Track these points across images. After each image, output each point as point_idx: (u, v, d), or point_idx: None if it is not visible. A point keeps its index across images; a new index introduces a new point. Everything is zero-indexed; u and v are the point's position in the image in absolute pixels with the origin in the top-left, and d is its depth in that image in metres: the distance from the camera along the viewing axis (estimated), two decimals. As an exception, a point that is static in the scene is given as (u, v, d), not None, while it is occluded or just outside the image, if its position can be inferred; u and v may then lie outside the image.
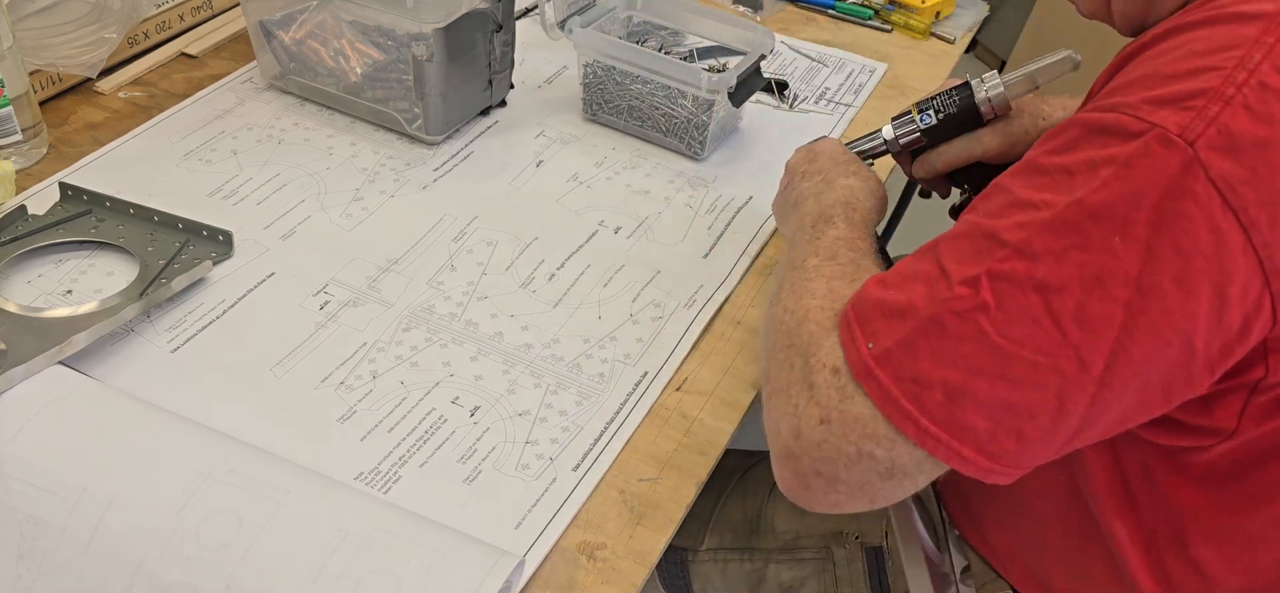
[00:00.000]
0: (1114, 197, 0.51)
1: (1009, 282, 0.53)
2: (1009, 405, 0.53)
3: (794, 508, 0.90)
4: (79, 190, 0.93)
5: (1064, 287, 0.52)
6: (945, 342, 0.54)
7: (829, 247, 0.69)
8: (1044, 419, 0.54)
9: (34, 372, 0.74)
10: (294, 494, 0.67)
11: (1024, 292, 0.52)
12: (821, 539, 0.87)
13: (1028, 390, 0.53)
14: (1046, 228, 0.52)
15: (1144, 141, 0.51)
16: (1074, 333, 0.52)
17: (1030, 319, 0.52)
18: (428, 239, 0.96)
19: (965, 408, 0.54)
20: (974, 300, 0.53)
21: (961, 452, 0.54)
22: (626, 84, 1.10)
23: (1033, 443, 0.54)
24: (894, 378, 0.55)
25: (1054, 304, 0.52)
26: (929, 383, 0.54)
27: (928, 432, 0.54)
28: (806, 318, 0.62)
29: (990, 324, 0.53)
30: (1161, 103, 0.51)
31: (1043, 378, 0.53)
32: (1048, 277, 0.52)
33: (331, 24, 1.07)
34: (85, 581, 0.65)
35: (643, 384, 0.83)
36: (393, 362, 0.82)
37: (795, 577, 0.87)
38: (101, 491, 0.67)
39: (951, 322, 0.54)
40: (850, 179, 0.77)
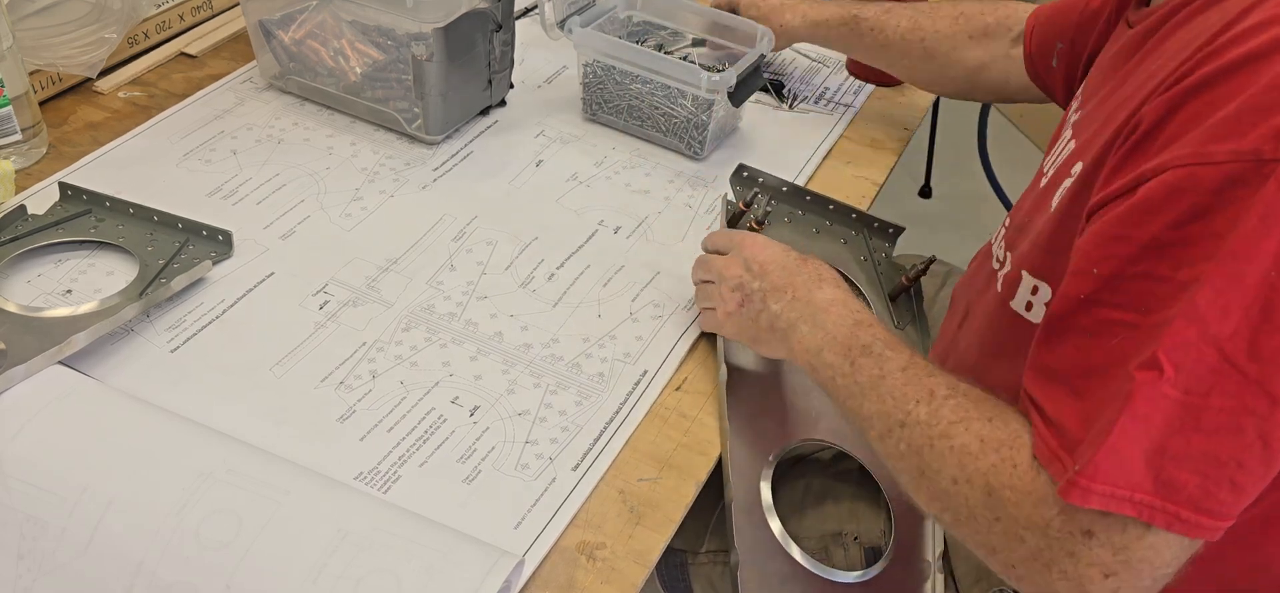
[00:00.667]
0: (1262, 238, 0.52)
1: (1184, 348, 0.53)
2: (1212, 457, 0.54)
3: (793, 509, 0.90)
4: (79, 190, 0.93)
5: (1235, 331, 0.52)
6: (1136, 422, 0.54)
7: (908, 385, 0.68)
8: (1253, 466, 0.54)
9: (34, 372, 0.74)
10: (294, 494, 0.67)
11: (1199, 348, 0.53)
12: (820, 540, 0.86)
13: (1224, 437, 0.53)
14: (1207, 287, 0.53)
15: (1276, 179, 0.51)
16: (1253, 369, 0.53)
17: (1207, 369, 0.53)
18: (427, 239, 0.96)
19: (1169, 468, 0.54)
20: (1157, 379, 0.54)
21: (1178, 513, 0.54)
22: (626, 84, 1.10)
23: (1247, 490, 0.55)
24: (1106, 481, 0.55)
25: (1228, 349, 0.53)
26: (1130, 462, 0.54)
27: (1143, 505, 0.54)
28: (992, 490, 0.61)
29: (1174, 389, 0.53)
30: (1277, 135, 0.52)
31: (1235, 421, 0.53)
32: (1218, 330, 0.52)
33: (331, 24, 1.07)
34: (85, 581, 0.65)
35: (642, 384, 0.83)
36: (392, 361, 0.82)
37: (794, 577, 0.87)
38: (101, 491, 0.67)
39: (1141, 406, 0.54)
40: (825, 290, 0.77)
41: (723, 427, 0.81)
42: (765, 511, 0.79)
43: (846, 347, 0.72)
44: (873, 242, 0.99)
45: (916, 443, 0.65)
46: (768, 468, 0.81)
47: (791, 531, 0.81)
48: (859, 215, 1.00)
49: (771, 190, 1.01)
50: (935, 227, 2.35)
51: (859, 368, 0.71)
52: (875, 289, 0.95)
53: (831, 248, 0.98)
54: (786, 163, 1.10)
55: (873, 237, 1.00)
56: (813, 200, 1.01)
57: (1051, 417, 0.59)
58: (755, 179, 1.01)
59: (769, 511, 0.79)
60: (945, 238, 2.27)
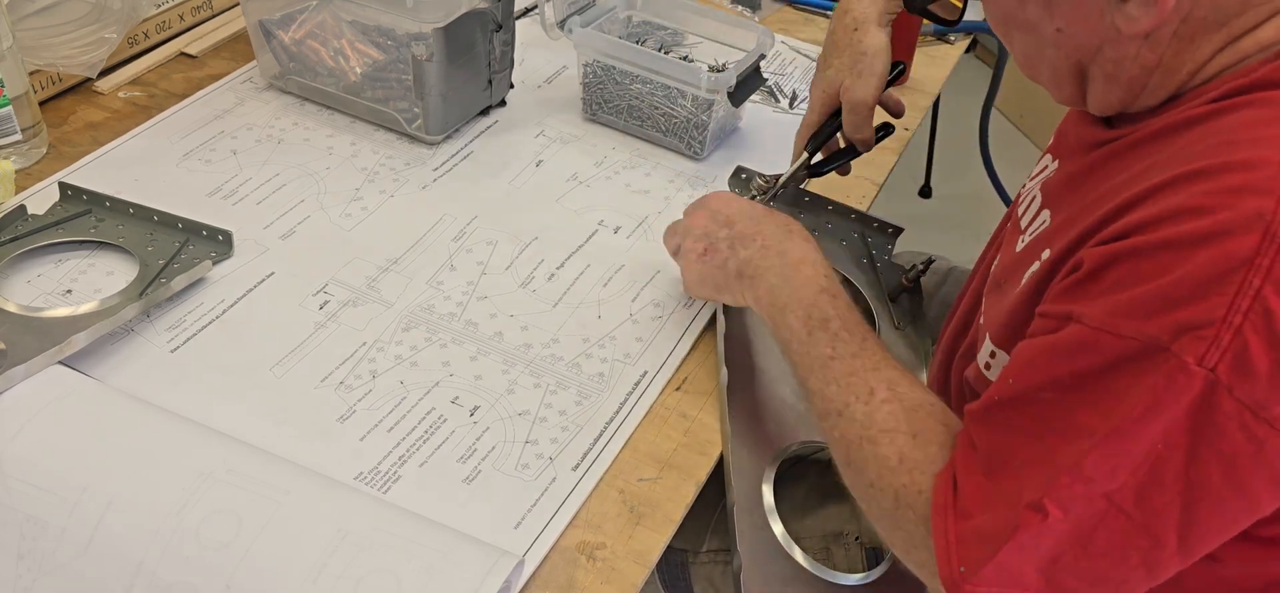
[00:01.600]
0: (1150, 419, 0.55)
1: (1072, 500, 0.57)
2: (1101, 576, 0.58)
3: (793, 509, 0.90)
4: (79, 190, 0.93)
5: (1122, 486, 0.56)
6: (1023, 551, 0.58)
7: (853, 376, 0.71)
8: (1140, 581, 0.59)
9: (34, 372, 0.74)
10: (294, 494, 0.67)
11: (1087, 500, 0.57)
12: (821, 540, 0.86)
13: (1113, 562, 0.58)
14: (1095, 452, 0.57)
15: (1166, 372, 0.54)
16: (1139, 516, 0.57)
17: (1097, 514, 0.57)
18: (427, 239, 0.96)
19: (1061, 577, 0.58)
20: (1042, 520, 0.58)
21: None
22: (626, 84, 1.10)
23: None
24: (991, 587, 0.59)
25: (1116, 499, 0.57)
26: (1021, 573, 0.59)
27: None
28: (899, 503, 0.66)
29: (1062, 525, 0.57)
30: (1178, 331, 0.54)
31: (1124, 555, 0.58)
32: (1105, 485, 0.57)
33: (331, 24, 1.07)
34: (85, 581, 0.65)
35: (642, 384, 0.83)
36: (392, 361, 0.82)
37: (794, 577, 0.87)
38: (101, 491, 0.67)
39: (1026, 538, 0.58)
40: (796, 244, 0.79)
41: (724, 428, 0.81)
42: (767, 512, 0.79)
43: (807, 313, 0.75)
44: (872, 242, 0.99)
45: (849, 436, 0.70)
46: (769, 469, 0.81)
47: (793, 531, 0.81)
48: (858, 215, 1.00)
49: (771, 191, 1.01)
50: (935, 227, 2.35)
51: (815, 341, 0.74)
52: (875, 290, 0.95)
53: (830, 248, 0.98)
54: (786, 162, 1.10)
55: (872, 236, 1.00)
56: (812, 201, 1.01)
57: (959, 481, 0.63)
58: (753, 180, 1.01)
59: (771, 512, 0.79)
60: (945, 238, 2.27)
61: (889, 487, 0.66)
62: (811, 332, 0.74)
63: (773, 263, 0.78)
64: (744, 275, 0.80)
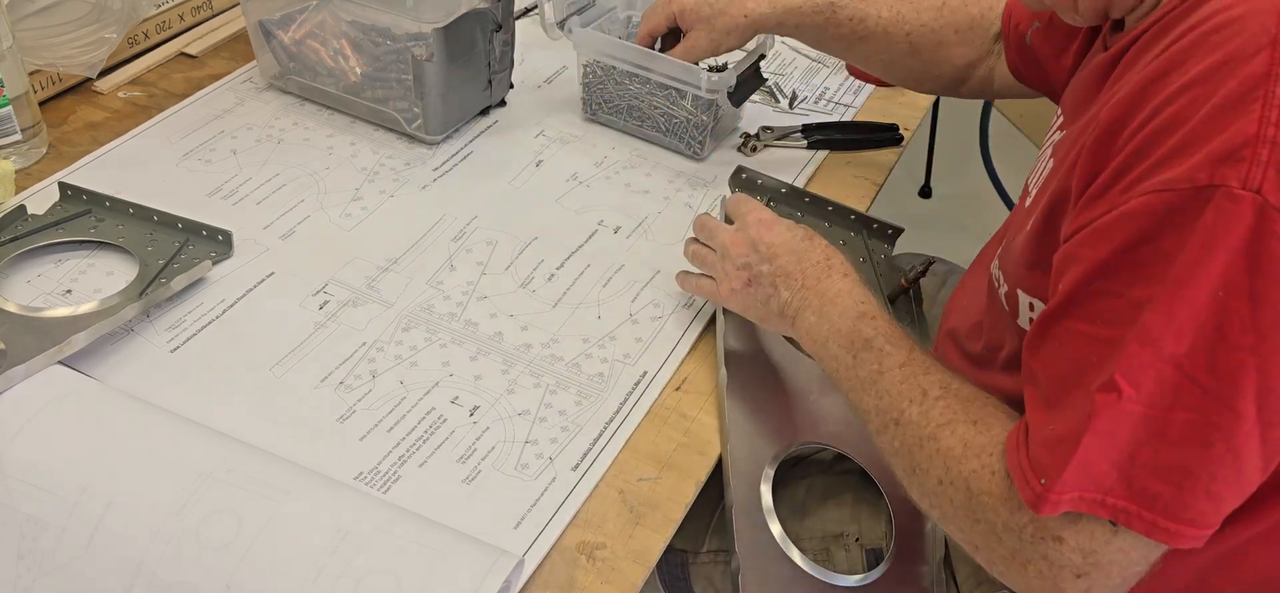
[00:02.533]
0: (1208, 263, 0.53)
1: (1141, 369, 0.55)
2: (1184, 468, 0.55)
3: (794, 510, 0.90)
4: (78, 190, 0.93)
5: (1191, 350, 0.54)
6: (1101, 439, 0.56)
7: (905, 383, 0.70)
8: (1226, 477, 0.56)
9: (34, 372, 0.74)
10: (293, 494, 0.67)
11: (1157, 369, 0.55)
12: (821, 541, 0.86)
13: (1195, 449, 0.55)
14: (1157, 311, 0.55)
15: (1215, 205, 0.53)
16: (1213, 386, 0.54)
17: (1169, 387, 0.55)
18: (427, 239, 0.96)
19: (1140, 476, 0.56)
20: (1116, 400, 0.56)
21: (1156, 521, 0.56)
22: (626, 84, 1.10)
23: (1225, 499, 0.56)
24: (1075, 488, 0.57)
25: (1186, 366, 0.54)
26: (1099, 471, 0.56)
27: (1117, 508, 0.57)
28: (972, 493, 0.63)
29: (1136, 405, 0.55)
30: (1215, 162, 0.53)
31: (1204, 434, 0.55)
32: (1173, 349, 0.54)
33: (331, 24, 1.07)
34: (85, 581, 0.65)
35: (642, 384, 0.83)
36: (392, 361, 0.82)
37: (794, 577, 0.87)
38: (101, 491, 0.67)
39: (1103, 424, 0.56)
40: (834, 281, 0.79)
41: (723, 429, 0.81)
42: (766, 513, 0.79)
43: (850, 339, 0.74)
44: (872, 243, 0.99)
45: (908, 442, 0.68)
46: (768, 470, 0.81)
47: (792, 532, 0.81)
48: (858, 216, 1.00)
49: (770, 192, 1.01)
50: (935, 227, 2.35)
51: (860, 362, 0.73)
52: (874, 291, 0.95)
53: None
54: (787, 162, 1.10)
55: (872, 238, 1.00)
56: (812, 202, 1.01)
57: (1028, 421, 0.61)
58: (754, 181, 1.01)
59: (769, 513, 0.79)
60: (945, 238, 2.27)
61: (959, 478, 0.64)
62: (856, 355, 0.73)
63: (809, 301, 0.79)
64: (785, 315, 0.80)
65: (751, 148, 1.11)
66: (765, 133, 1.13)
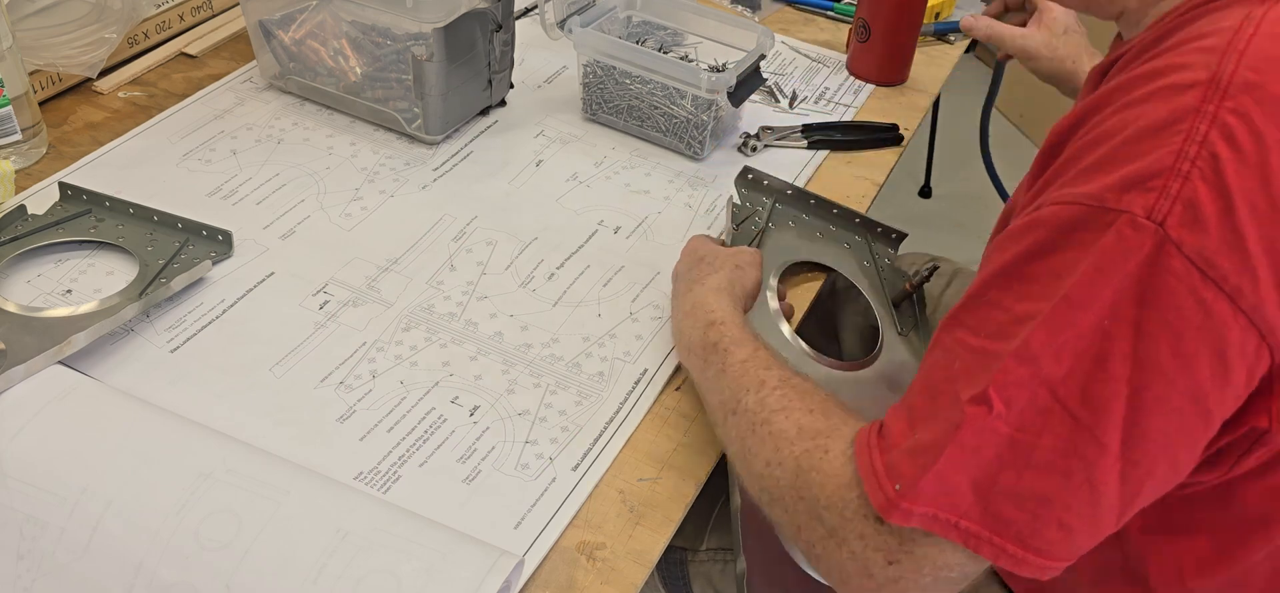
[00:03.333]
0: (1098, 287, 0.53)
1: (1016, 386, 0.54)
2: (1041, 496, 0.54)
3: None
4: (78, 190, 0.93)
5: (1068, 376, 0.53)
6: (966, 455, 0.55)
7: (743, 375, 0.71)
8: (1080, 508, 0.55)
9: (34, 372, 0.74)
10: (293, 494, 0.67)
11: (1031, 390, 0.54)
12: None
13: (1053, 477, 0.54)
14: (1041, 328, 0.54)
15: (1115, 230, 0.52)
16: (1084, 415, 0.53)
17: (1040, 410, 0.54)
18: (427, 239, 0.96)
19: (997, 501, 0.55)
20: (988, 414, 0.55)
21: (1004, 547, 0.55)
22: (626, 84, 1.10)
23: (1077, 533, 0.55)
24: (929, 503, 0.56)
25: (1060, 392, 0.53)
26: (958, 490, 0.55)
27: (969, 532, 0.55)
28: (800, 471, 0.63)
29: (1004, 425, 0.54)
30: (1125, 187, 0.53)
31: (1065, 463, 0.54)
32: (1051, 372, 0.54)
33: (331, 24, 1.07)
34: (85, 581, 0.65)
35: (642, 383, 0.83)
36: (392, 361, 0.82)
37: (793, 577, 0.87)
38: (101, 491, 0.67)
39: (969, 438, 0.55)
40: (695, 291, 0.81)
41: None
42: None
43: (702, 347, 0.76)
44: (876, 246, 0.99)
45: (741, 430, 0.69)
46: None
47: None
48: (862, 220, 1.00)
49: (776, 193, 1.01)
50: (935, 227, 2.36)
51: (708, 363, 0.75)
52: (878, 295, 0.95)
53: (834, 252, 0.98)
54: (786, 162, 1.10)
55: (875, 241, 1.00)
56: (817, 204, 1.01)
57: (885, 423, 0.60)
58: (760, 182, 1.01)
59: None
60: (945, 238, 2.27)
61: (788, 458, 0.64)
62: (706, 359, 0.75)
63: (677, 322, 0.82)
64: (675, 331, 0.83)
65: (751, 148, 1.11)
66: (765, 133, 1.13)
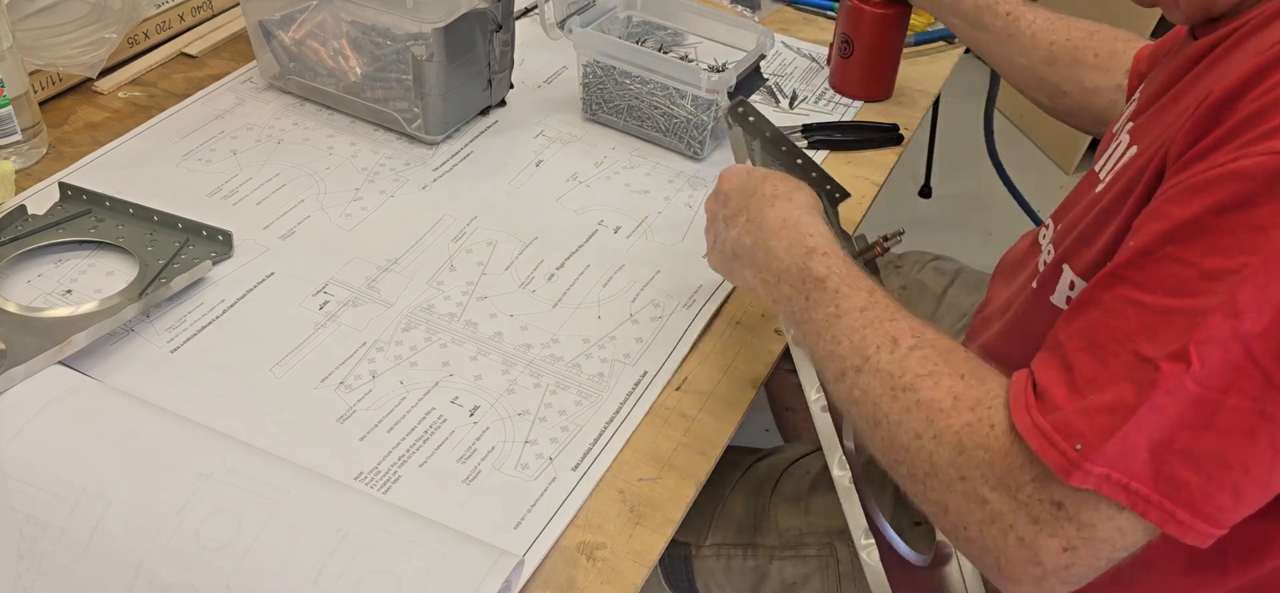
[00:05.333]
0: None
1: (1213, 342, 0.51)
2: (1218, 457, 0.52)
3: (797, 506, 0.90)
4: (79, 190, 0.93)
5: (1265, 331, 0.50)
6: (1154, 414, 0.52)
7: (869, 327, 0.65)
8: (1257, 473, 0.52)
9: (34, 372, 0.74)
10: (293, 495, 0.67)
11: (1228, 344, 0.51)
12: (825, 536, 0.86)
13: (1234, 439, 0.52)
14: (1250, 283, 0.51)
15: None
16: (1277, 373, 0.51)
17: (1233, 367, 0.51)
18: (427, 239, 0.96)
19: (1172, 463, 0.52)
20: (1185, 372, 0.52)
21: (1174, 513, 0.53)
22: (626, 84, 1.10)
23: (1248, 498, 0.53)
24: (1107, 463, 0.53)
25: (1255, 349, 0.51)
26: (1134, 450, 0.53)
27: (1138, 495, 0.53)
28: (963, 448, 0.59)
29: (1193, 382, 0.51)
30: None
31: (1249, 423, 0.51)
32: (1252, 326, 0.51)
33: (331, 24, 1.07)
34: (85, 581, 0.65)
35: (642, 384, 0.83)
36: (392, 362, 0.82)
37: (798, 574, 0.87)
38: (101, 491, 0.67)
39: (1161, 398, 0.52)
40: (778, 209, 0.74)
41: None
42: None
43: (800, 278, 0.69)
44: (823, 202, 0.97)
45: (875, 392, 0.63)
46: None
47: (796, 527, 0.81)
48: (819, 173, 0.96)
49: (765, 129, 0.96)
50: (935, 227, 2.36)
51: (814, 302, 0.68)
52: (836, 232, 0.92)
53: None
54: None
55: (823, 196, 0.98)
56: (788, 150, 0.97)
57: (1039, 384, 0.57)
58: (748, 116, 0.95)
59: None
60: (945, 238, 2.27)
61: (946, 431, 0.58)
62: (809, 296, 0.68)
63: (755, 237, 0.73)
64: (738, 256, 0.76)
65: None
66: None
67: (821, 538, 0.85)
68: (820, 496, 0.89)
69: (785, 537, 0.89)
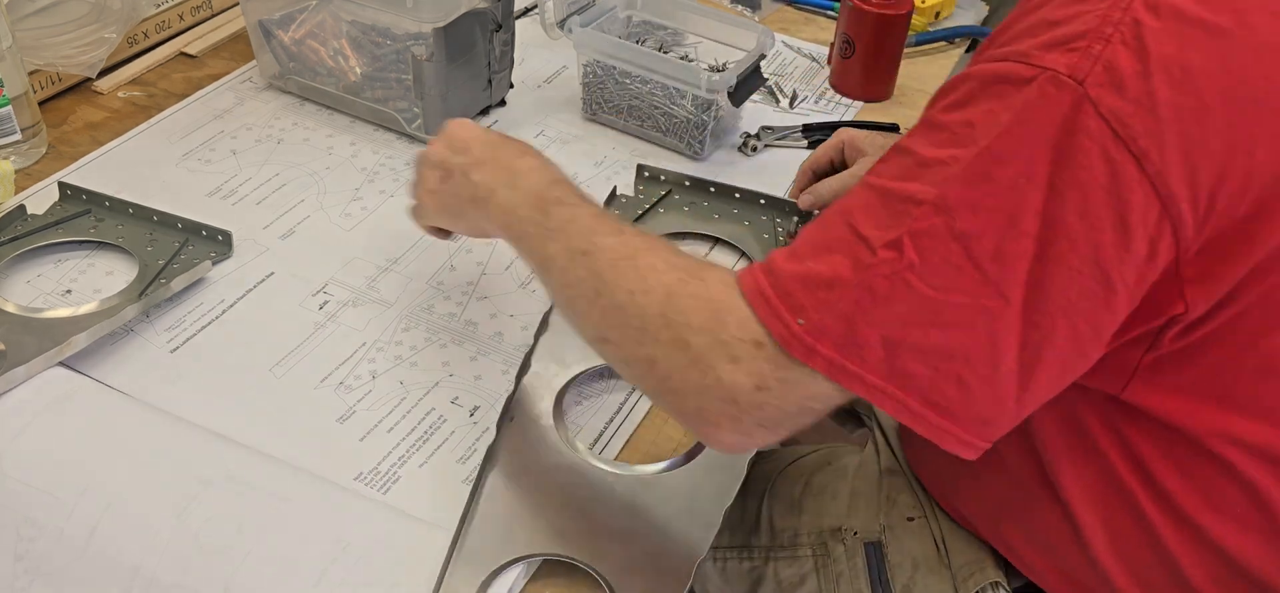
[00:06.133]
0: (1016, 141, 0.54)
1: (930, 237, 0.55)
2: (944, 351, 0.55)
3: (792, 506, 0.90)
4: (78, 190, 0.93)
5: (981, 232, 0.54)
6: (877, 305, 0.55)
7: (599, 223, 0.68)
8: (979, 363, 0.55)
9: (34, 372, 0.74)
10: (294, 500, 0.67)
11: (945, 243, 0.55)
12: (819, 536, 0.86)
13: (958, 331, 0.55)
14: (958, 180, 0.55)
15: (1037, 85, 0.54)
16: (993, 270, 0.54)
17: (953, 267, 0.55)
18: (427, 239, 0.95)
19: (903, 357, 0.55)
20: (900, 262, 0.55)
21: (907, 402, 0.56)
22: (626, 84, 1.10)
23: (974, 390, 0.56)
24: (835, 348, 0.56)
25: (973, 249, 0.54)
26: (868, 343, 0.56)
27: (873, 386, 0.56)
28: (672, 295, 0.61)
29: (918, 279, 0.55)
30: (1050, 46, 0.54)
31: (970, 317, 0.55)
32: (966, 226, 0.54)
33: (331, 24, 1.06)
34: (83, 583, 0.65)
35: (642, 384, 0.83)
36: (392, 362, 0.82)
37: (794, 575, 0.87)
38: (100, 493, 0.67)
39: (881, 285, 0.55)
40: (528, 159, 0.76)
41: None
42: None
43: (540, 199, 0.71)
44: (782, 221, 0.99)
45: (597, 267, 0.65)
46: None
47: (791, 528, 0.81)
48: (769, 199, 1.00)
49: (672, 183, 1.01)
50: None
51: (550, 216, 0.70)
52: None
53: (731, 228, 0.98)
54: (786, 162, 1.10)
55: (783, 217, 0.99)
56: (717, 190, 1.01)
57: (771, 260, 0.60)
58: (657, 176, 1.01)
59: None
60: (946, 237, 2.27)
61: (656, 286, 0.61)
62: (547, 211, 0.70)
63: (501, 179, 0.75)
64: (477, 199, 0.77)
65: (751, 148, 1.11)
66: (765, 133, 1.13)
67: (816, 538, 0.85)
68: (814, 495, 0.89)
69: (781, 538, 0.89)
